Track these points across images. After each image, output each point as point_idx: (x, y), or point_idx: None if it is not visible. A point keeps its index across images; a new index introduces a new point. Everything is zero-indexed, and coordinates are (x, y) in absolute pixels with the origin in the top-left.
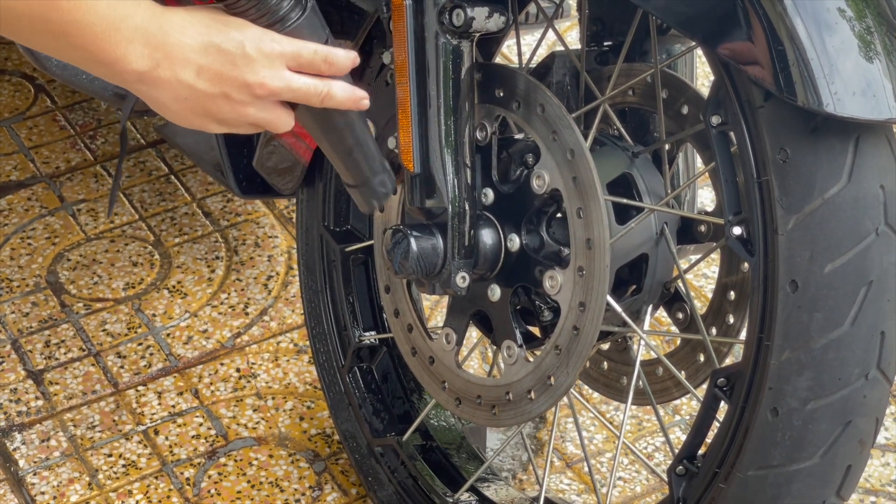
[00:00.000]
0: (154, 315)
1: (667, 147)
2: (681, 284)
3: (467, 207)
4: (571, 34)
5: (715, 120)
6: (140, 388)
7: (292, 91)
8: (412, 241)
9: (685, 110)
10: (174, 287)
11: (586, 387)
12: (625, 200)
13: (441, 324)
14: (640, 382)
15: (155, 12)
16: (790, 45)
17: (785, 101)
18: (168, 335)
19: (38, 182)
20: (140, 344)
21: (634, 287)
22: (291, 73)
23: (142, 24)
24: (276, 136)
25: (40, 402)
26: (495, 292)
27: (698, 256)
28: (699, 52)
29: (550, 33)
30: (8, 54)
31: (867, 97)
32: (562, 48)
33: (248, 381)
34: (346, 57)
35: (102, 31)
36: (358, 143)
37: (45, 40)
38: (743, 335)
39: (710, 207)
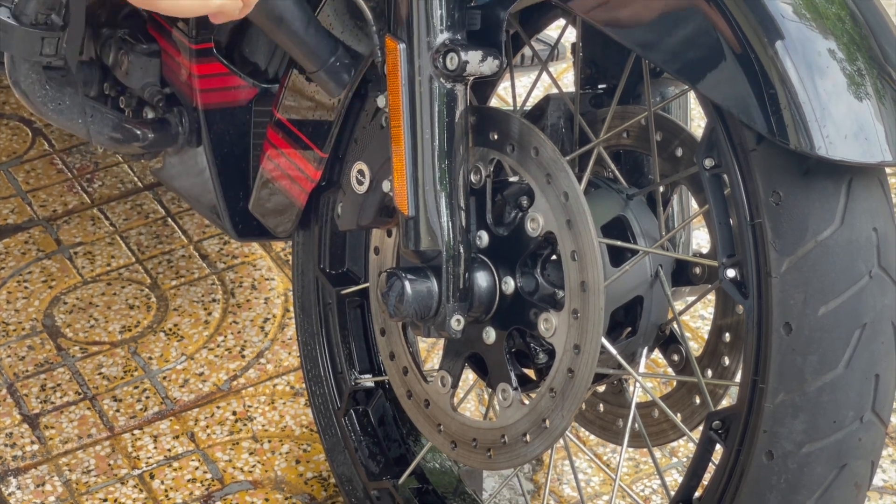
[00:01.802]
0: (150, 358)
1: (661, 189)
2: (676, 326)
3: (462, 250)
4: (566, 77)
5: (708, 163)
6: (136, 431)
7: None
8: (407, 284)
9: (679, 153)
10: (171, 330)
11: (582, 429)
12: (619, 243)
13: (437, 366)
14: (636, 425)
15: None
16: (782, 89)
17: (777, 144)
18: (164, 378)
19: (35, 225)
20: (136, 387)
21: (629, 329)
22: None
23: None
24: (272, 179)
25: (36, 447)
26: (490, 335)
27: (693, 298)
28: (693, 94)
29: (545, 76)
30: (6, 98)
31: (859, 140)
32: (556, 91)
33: (245, 425)
34: None
35: None
36: (307, 27)
37: None
38: (738, 377)
39: (705, 249)
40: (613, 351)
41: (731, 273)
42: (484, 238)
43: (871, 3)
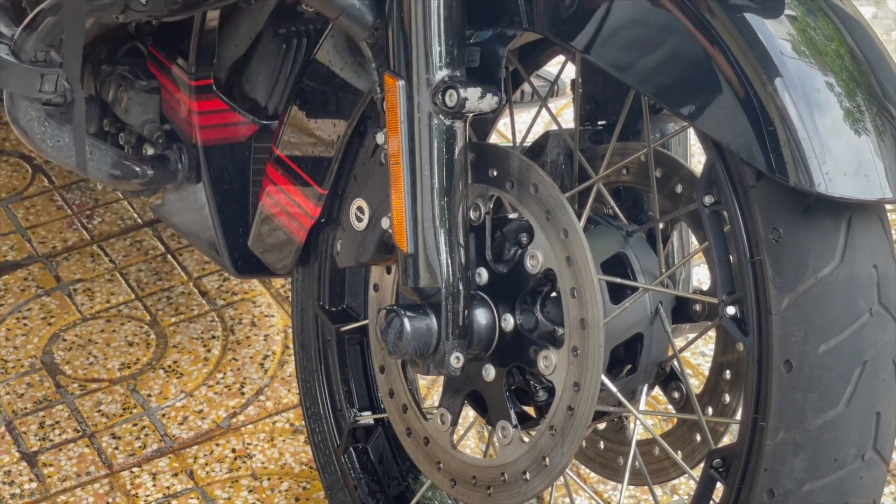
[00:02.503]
0: (149, 395)
1: (661, 226)
2: (676, 364)
3: (461, 287)
4: (566, 113)
5: (707, 199)
6: (135, 469)
7: None
8: (406, 321)
9: (679, 189)
10: (170, 367)
11: (583, 466)
12: (619, 280)
13: (436, 404)
14: (637, 462)
15: None
16: (781, 126)
17: (777, 181)
18: (163, 415)
19: (34, 262)
20: (135, 424)
21: (630, 366)
22: None
23: None
24: (272, 216)
25: (34, 485)
26: (490, 372)
27: (694, 336)
28: (692, 131)
29: (544, 112)
30: (6, 135)
31: (859, 177)
32: (556, 128)
33: (244, 462)
34: None
35: None
36: None
37: None
38: (739, 415)
39: (705, 286)
40: (613, 388)
41: (731, 310)
42: (483, 275)
43: (870, 39)
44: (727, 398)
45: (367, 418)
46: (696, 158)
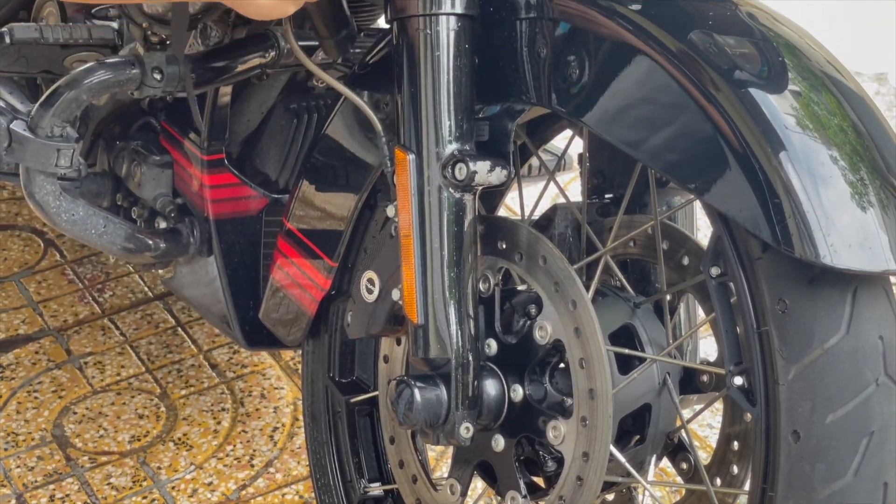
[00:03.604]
0: (159, 468)
1: (668, 298)
2: (684, 434)
3: (471, 358)
4: (573, 187)
5: (714, 271)
6: None
7: None
8: (416, 391)
9: (686, 261)
10: (180, 439)
11: None
12: (627, 351)
13: (446, 475)
14: None
15: None
16: (786, 198)
17: (783, 252)
18: (173, 488)
19: (45, 335)
20: (144, 497)
21: (638, 437)
22: None
23: None
24: (283, 288)
25: None
26: (499, 442)
27: (701, 406)
28: (699, 203)
29: (552, 185)
30: (19, 210)
31: (863, 249)
32: (563, 200)
33: None
34: None
35: None
36: None
37: None
38: (747, 486)
39: (712, 357)
40: (622, 459)
41: (738, 381)
42: (493, 346)
43: (872, 114)
44: (735, 469)
45: (376, 489)
46: (703, 232)
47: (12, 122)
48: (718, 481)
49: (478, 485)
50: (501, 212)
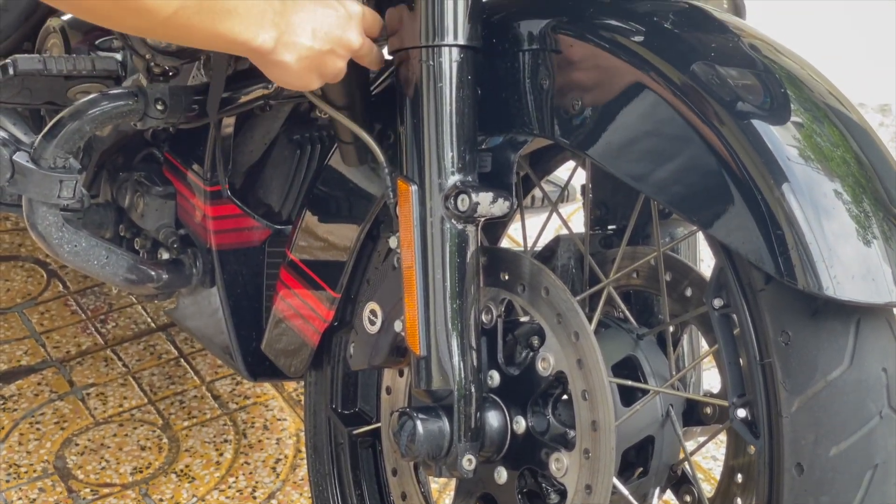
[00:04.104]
0: (161, 500)
1: (671, 329)
2: (688, 466)
3: (473, 390)
4: (576, 218)
5: (717, 303)
6: None
7: (366, 50)
8: (419, 423)
9: (689, 293)
10: (182, 471)
11: None
12: (630, 383)
13: None
14: None
15: None
16: (789, 230)
17: (786, 284)
18: None
19: (48, 367)
20: None
21: (641, 469)
22: (365, 32)
23: (267, 7)
24: (285, 319)
25: None
26: (502, 475)
27: (705, 438)
28: (701, 234)
29: (555, 217)
30: (22, 240)
31: (866, 281)
32: (566, 232)
33: None
34: (380, 20)
35: (244, 21)
36: (362, 97)
37: (199, 28)
38: None
39: (715, 388)
40: (625, 491)
41: (741, 413)
42: (495, 377)
43: (875, 146)
44: (739, 501)
45: None
46: (706, 262)
47: (15, 153)
48: None
49: None
50: (504, 243)
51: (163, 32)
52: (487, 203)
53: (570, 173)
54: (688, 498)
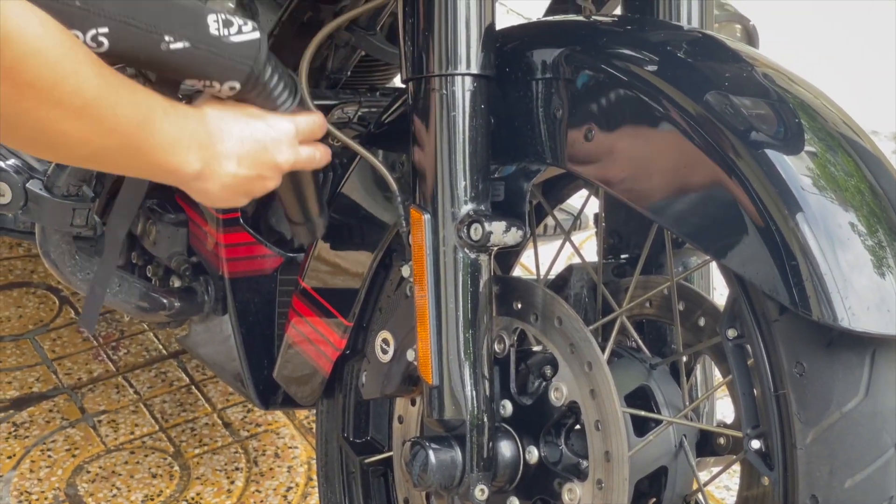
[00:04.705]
0: None
1: (684, 359)
2: (701, 497)
3: (486, 420)
4: (588, 246)
5: (731, 333)
6: None
7: (302, 161)
8: (431, 453)
9: (702, 322)
10: (193, 499)
11: None
12: (643, 413)
13: None
14: None
15: (198, 117)
16: (804, 260)
17: (800, 315)
18: None
19: (60, 393)
20: None
21: (654, 500)
22: (300, 145)
23: (195, 132)
24: (297, 347)
25: None
26: None
27: (718, 469)
28: (715, 264)
29: (567, 245)
30: (34, 267)
31: (881, 312)
32: (579, 261)
33: None
34: (323, 120)
35: (170, 144)
36: (311, 190)
37: (123, 160)
38: None
39: (728, 419)
40: None
41: (755, 444)
42: (508, 407)
43: (889, 175)
44: None
45: None
46: (718, 291)
47: (28, 181)
48: None
49: None
50: (516, 272)
51: (84, 165)
52: (500, 232)
53: (584, 202)
54: None
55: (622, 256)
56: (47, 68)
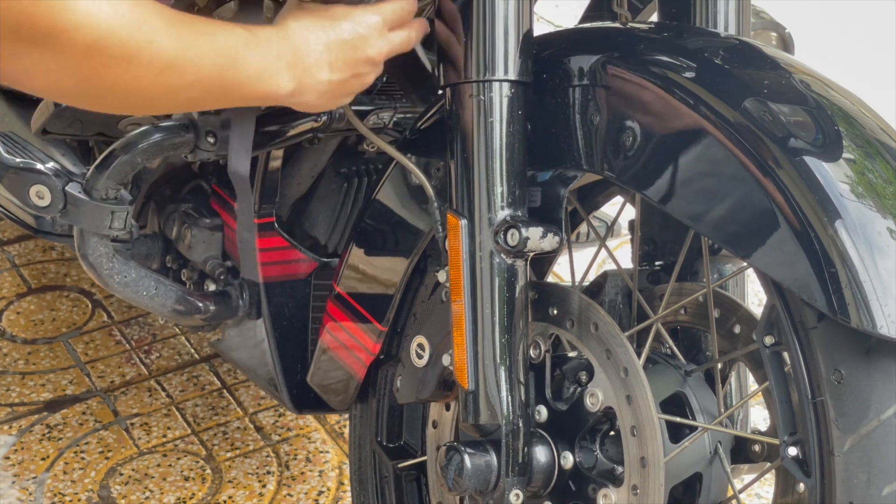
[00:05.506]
0: None
1: (719, 366)
2: None
3: (521, 425)
4: (623, 252)
5: (768, 340)
6: None
7: (396, 47)
8: (466, 458)
9: (737, 329)
10: (225, 502)
11: None
12: (679, 419)
13: None
14: None
15: (281, 36)
16: (842, 267)
17: (839, 322)
18: None
19: (93, 396)
20: None
21: None
22: (390, 32)
23: (280, 53)
24: (331, 352)
25: None
26: None
27: (753, 476)
28: (750, 271)
29: (603, 252)
30: (67, 270)
31: None
32: (614, 267)
33: None
34: (411, 2)
35: (258, 74)
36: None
37: (213, 100)
38: None
39: (762, 426)
40: None
41: (792, 451)
42: (543, 412)
43: None
44: None
45: None
46: (750, 298)
47: (67, 184)
48: None
49: None
50: (549, 278)
51: (175, 111)
52: (537, 238)
53: (619, 209)
54: None
55: (657, 263)
56: (120, 47)
